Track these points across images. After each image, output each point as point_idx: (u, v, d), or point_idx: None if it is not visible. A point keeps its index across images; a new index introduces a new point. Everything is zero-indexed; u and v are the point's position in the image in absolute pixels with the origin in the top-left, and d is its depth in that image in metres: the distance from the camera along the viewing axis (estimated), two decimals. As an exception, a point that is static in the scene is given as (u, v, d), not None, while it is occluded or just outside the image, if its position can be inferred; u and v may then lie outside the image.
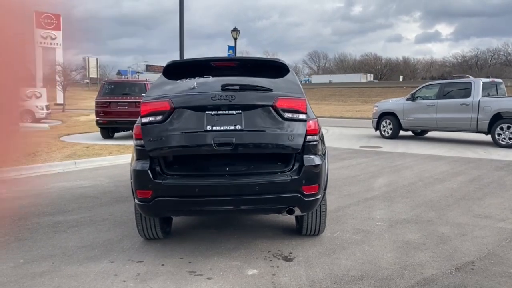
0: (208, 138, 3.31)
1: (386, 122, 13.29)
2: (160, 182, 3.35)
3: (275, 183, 3.38)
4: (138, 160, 3.51)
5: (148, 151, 3.40)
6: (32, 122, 20.02)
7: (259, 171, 3.48)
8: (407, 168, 8.08)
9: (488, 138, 11.44)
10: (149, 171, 3.38)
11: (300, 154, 3.45)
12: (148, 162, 3.43)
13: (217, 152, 3.35)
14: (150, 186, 3.37)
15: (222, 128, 3.34)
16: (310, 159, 3.46)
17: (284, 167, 3.48)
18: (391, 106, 13.40)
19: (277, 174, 3.44)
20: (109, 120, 12.50)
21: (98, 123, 12.74)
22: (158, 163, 3.45)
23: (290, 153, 3.46)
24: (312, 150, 3.50)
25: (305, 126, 3.43)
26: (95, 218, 4.82)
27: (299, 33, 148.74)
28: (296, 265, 3.45)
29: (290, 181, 3.37)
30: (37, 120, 20.74)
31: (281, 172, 3.45)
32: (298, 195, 3.38)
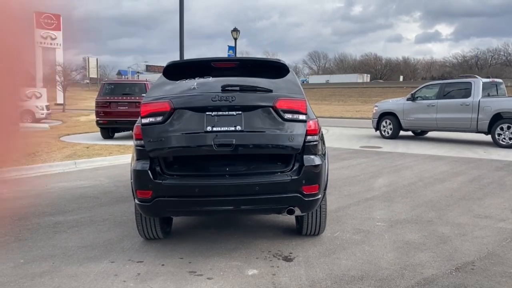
0: (208, 139, 3.32)
1: (386, 122, 13.30)
2: (160, 182, 3.35)
3: (275, 183, 3.38)
4: (138, 160, 3.51)
5: (148, 152, 3.40)
6: (32, 122, 20.03)
7: (259, 171, 3.48)
8: (407, 168, 8.08)
9: (488, 138, 11.44)
10: (149, 171, 3.39)
11: (300, 154, 3.45)
12: (148, 162, 3.43)
13: (217, 153, 3.36)
14: (150, 186, 3.37)
15: (222, 129, 3.34)
16: (310, 159, 3.47)
17: (284, 167, 3.48)
18: (391, 106, 13.40)
19: (277, 174, 3.44)
20: (109, 120, 12.51)
21: (98, 123, 12.75)
22: (158, 163, 3.46)
23: (290, 153, 3.46)
24: (312, 150, 3.51)
25: (305, 126, 3.43)
26: (95, 218, 4.82)
27: (299, 33, 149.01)
28: (296, 265, 3.45)
29: (290, 181, 3.37)
30: (37, 120, 20.75)
31: (281, 172, 3.45)
32: (298, 195, 3.38)
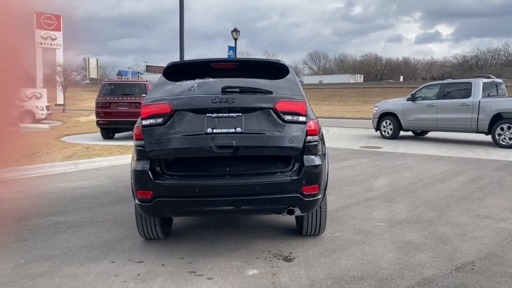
0: (208, 141, 3.32)
1: (386, 123, 13.29)
2: (160, 182, 3.36)
3: (275, 184, 3.39)
4: (139, 160, 3.52)
5: (148, 153, 3.41)
6: (32, 122, 20.05)
7: (259, 172, 3.49)
8: (408, 168, 8.08)
9: (488, 138, 11.44)
10: (149, 172, 3.39)
11: (300, 154, 3.45)
12: (149, 163, 3.43)
13: (217, 155, 3.36)
14: (150, 186, 3.37)
15: (223, 130, 3.34)
16: (310, 160, 3.47)
17: (284, 167, 3.48)
18: (392, 106, 13.40)
19: (277, 175, 3.44)
20: (109, 121, 12.51)
21: (98, 124, 12.76)
22: (158, 164, 3.46)
23: (290, 155, 3.46)
24: (312, 151, 3.51)
25: (305, 128, 3.44)
26: (96, 218, 4.83)
27: (299, 33, 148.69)
28: (296, 265, 3.45)
29: (290, 181, 3.38)
30: (37, 121, 20.77)
31: (281, 172, 3.45)
32: (298, 195, 3.39)
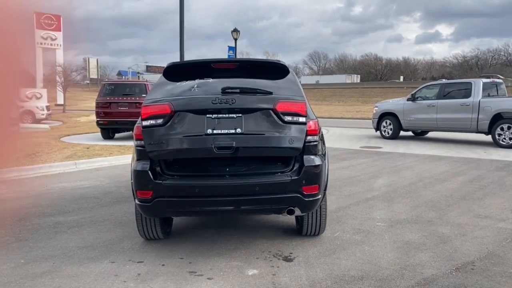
0: (208, 142, 3.32)
1: (386, 123, 13.29)
2: (160, 182, 3.36)
3: (275, 184, 3.39)
4: (139, 160, 3.52)
5: (148, 153, 3.41)
6: (32, 122, 20.06)
7: (259, 172, 3.49)
8: (408, 168, 8.08)
9: (488, 138, 11.44)
10: (149, 172, 3.39)
11: (300, 154, 3.46)
12: (149, 163, 3.43)
13: (217, 156, 3.36)
14: (150, 186, 3.37)
15: (223, 131, 3.34)
16: (310, 160, 3.47)
17: (284, 167, 3.48)
18: (392, 106, 13.40)
19: (277, 175, 3.44)
20: (109, 121, 12.52)
21: (98, 124, 12.77)
22: (158, 164, 3.46)
23: (290, 155, 3.47)
24: (312, 151, 3.51)
25: (305, 128, 3.44)
26: (96, 218, 4.83)
27: (299, 33, 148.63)
28: (296, 265, 3.45)
29: (290, 181, 3.38)
30: (37, 121, 20.78)
31: (281, 172, 3.46)
32: (298, 195, 3.39)
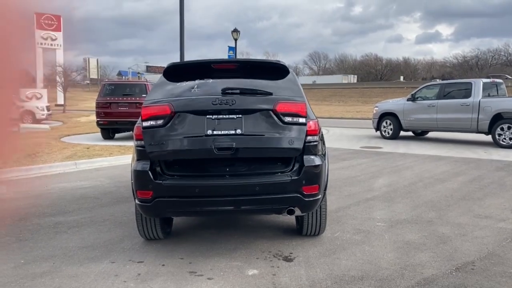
0: (208, 143, 3.32)
1: (386, 123, 13.29)
2: (160, 182, 3.36)
3: (275, 184, 3.39)
4: (139, 160, 3.52)
5: (149, 154, 3.41)
6: (32, 123, 20.07)
7: (259, 172, 3.49)
8: (408, 168, 8.08)
9: (488, 138, 11.43)
10: (149, 172, 3.39)
11: (300, 154, 3.46)
12: (149, 163, 3.43)
13: (217, 157, 3.36)
14: (150, 186, 3.37)
15: (223, 132, 3.34)
16: (310, 160, 3.47)
17: (284, 167, 3.48)
18: (392, 106, 13.40)
19: (277, 175, 3.45)
20: (109, 121, 12.52)
21: (98, 124, 12.77)
22: (158, 164, 3.46)
23: (290, 156, 3.47)
24: (312, 151, 3.51)
25: (305, 129, 3.44)
26: (96, 218, 4.83)
27: (299, 33, 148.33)
28: (297, 265, 3.45)
29: (290, 181, 3.38)
30: (37, 121, 20.79)
31: (281, 172, 3.46)
32: (298, 195, 3.39)
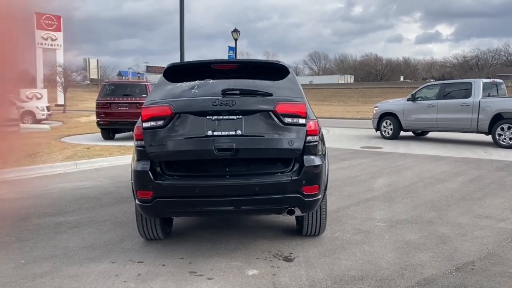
0: (209, 144, 3.32)
1: (386, 123, 13.29)
2: (160, 182, 3.36)
3: (276, 184, 3.39)
4: (139, 160, 3.52)
5: (149, 154, 3.41)
6: (33, 123, 20.09)
7: (259, 172, 3.49)
8: (408, 168, 8.08)
9: (488, 138, 11.43)
10: (149, 172, 3.40)
11: (300, 155, 3.46)
12: (149, 163, 3.44)
13: (217, 157, 3.37)
14: (150, 186, 3.38)
15: (223, 133, 3.34)
16: (310, 160, 3.47)
17: (284, 167, 3.48)
18: (392, 106, 13.40)
19: (277, 175, 3.45)
20: (109, 121, 12.52)
21: (98, 124, 12.77)
22: (158, 164, 3.46)
23: (290, 157, 3.47)
24: (312, 151, 3.51)
25: (305, 129, 3.44)
26: (96, 218, 4.83)
27: (299, 33, 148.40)
28: (297, 265, 3.45)
29: (290, 181, 3.38)
30: (38, 121, 20.80)
31: (281, 172, 3.46)
32: (298, 195, 3.39)
